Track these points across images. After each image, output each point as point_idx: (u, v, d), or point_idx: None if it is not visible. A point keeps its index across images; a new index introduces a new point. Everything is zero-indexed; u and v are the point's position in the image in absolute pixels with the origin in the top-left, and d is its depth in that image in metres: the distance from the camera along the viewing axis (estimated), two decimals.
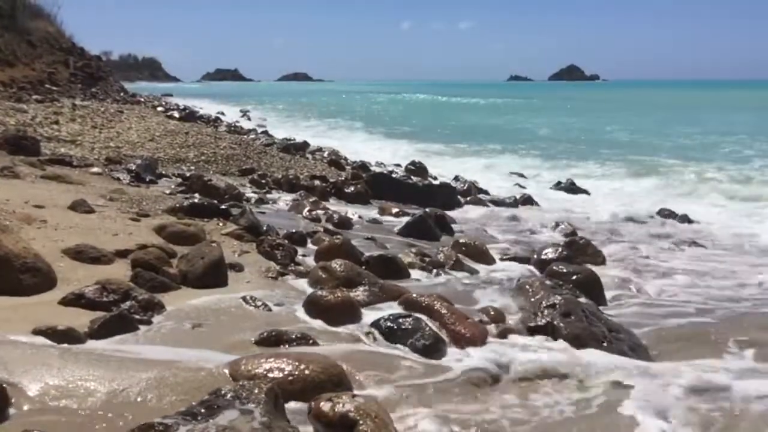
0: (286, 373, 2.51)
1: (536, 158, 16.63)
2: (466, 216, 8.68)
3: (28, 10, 26.91)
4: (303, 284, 4.11)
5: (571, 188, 11.50)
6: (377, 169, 12.28)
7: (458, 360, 3.18)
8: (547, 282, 4.29)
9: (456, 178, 12.47)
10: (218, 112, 27.33)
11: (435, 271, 4.88)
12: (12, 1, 24.67)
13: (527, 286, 4.24)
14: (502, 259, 5.78)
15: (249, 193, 7.92)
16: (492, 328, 3.65)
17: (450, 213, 8.14)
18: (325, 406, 2.22)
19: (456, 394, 2.82)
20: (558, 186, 11.70)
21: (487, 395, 2.87)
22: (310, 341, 3.07)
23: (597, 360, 3.31)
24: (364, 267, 4.42)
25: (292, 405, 2.35)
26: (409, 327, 3.28)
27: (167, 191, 6.91)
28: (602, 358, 3.35)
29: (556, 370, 3.17)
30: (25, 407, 2.09)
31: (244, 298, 3.62)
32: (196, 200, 5.83)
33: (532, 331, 3.64)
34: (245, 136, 15.42)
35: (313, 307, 3.49)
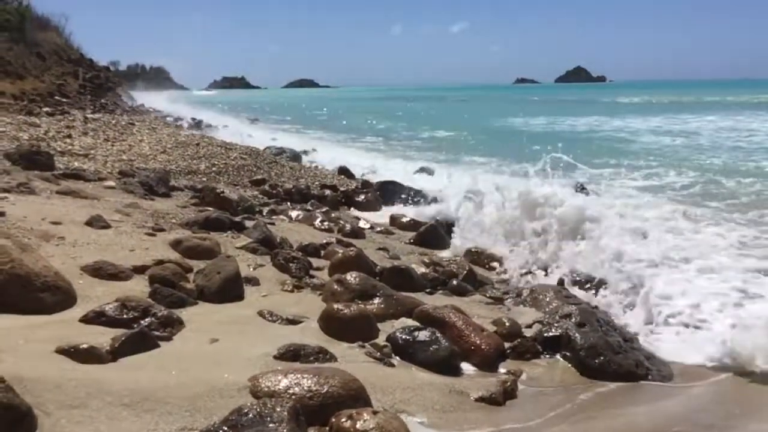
0: (305, 388, 2.53)
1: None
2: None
3: (36, 22, 27.13)
4: (318, 298, 4.13)
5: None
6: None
7: (473, 373, 3.20)
8: (562, 291, 4.30)
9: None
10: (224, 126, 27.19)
11: (448, 281, 4.88)
12: (21, 14, 24.89)
13: (542, 296, 4.25)
14: (515, 268, 5.78)
15: (261, 204, 7.96)
16: (507, 339, 3.65)
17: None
18: (346, 422, 2.24)
19: (472, 408, 2.84)
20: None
21: (503, 409, 2.88)
22: (328, 356, 3.09)
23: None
24: (378, 278, 4.44)
25: None
26: (425, 340, 3.30)
27: (180, 204, 6.96)
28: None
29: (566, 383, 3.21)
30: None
31: (260, 313, 3.65)
32: (210, 214, 5.87)
33: (547, 342, 3.65)
34: (255, 147, 15.43)
35: (330, 320, 3.51)
